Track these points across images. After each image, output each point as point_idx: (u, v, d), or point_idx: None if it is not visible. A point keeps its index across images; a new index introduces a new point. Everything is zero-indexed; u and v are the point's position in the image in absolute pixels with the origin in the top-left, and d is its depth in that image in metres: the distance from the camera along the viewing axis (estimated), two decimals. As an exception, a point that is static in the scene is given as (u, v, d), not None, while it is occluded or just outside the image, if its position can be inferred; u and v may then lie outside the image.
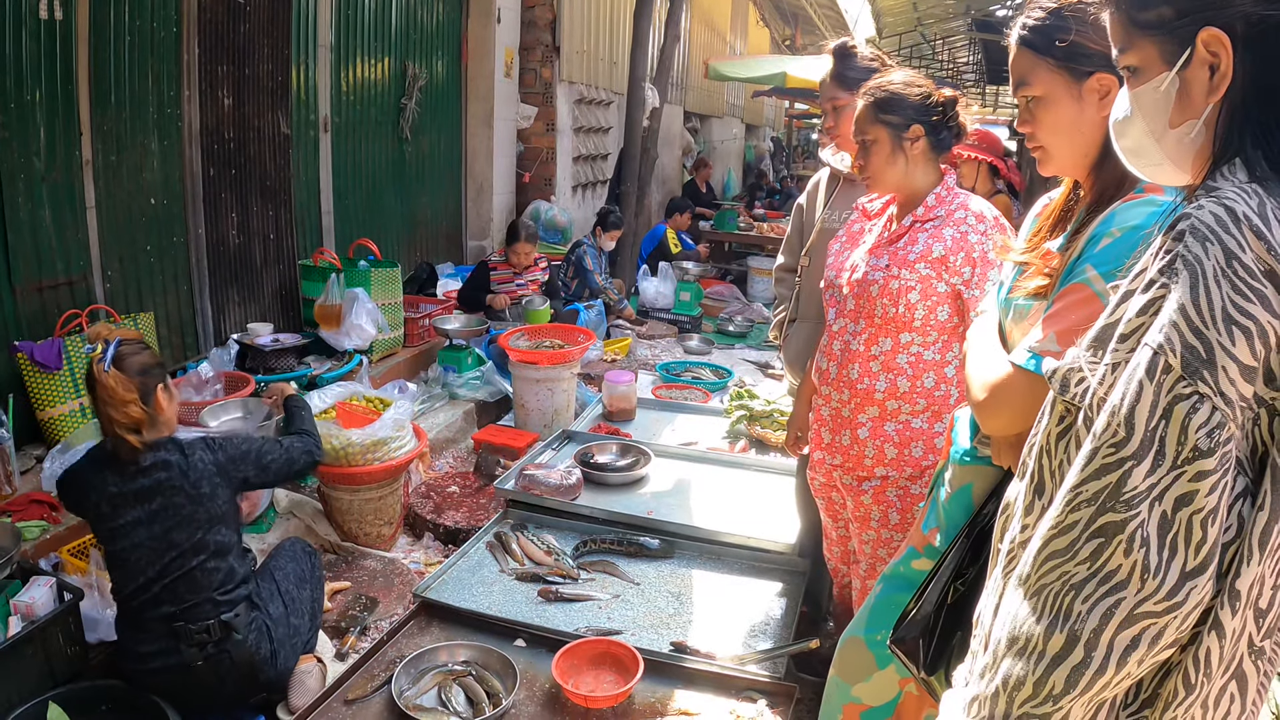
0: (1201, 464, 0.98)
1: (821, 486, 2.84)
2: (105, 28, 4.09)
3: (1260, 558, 1.01)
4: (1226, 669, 1.06)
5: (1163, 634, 1.02)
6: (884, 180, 2.53)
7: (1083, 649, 1.04)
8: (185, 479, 2.60)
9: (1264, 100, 1.06)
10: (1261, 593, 1.04)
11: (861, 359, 2.54)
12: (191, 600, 2.58)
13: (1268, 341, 0.97)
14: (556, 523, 3.72)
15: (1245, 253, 0.98)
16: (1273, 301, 0.97)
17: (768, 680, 2.78)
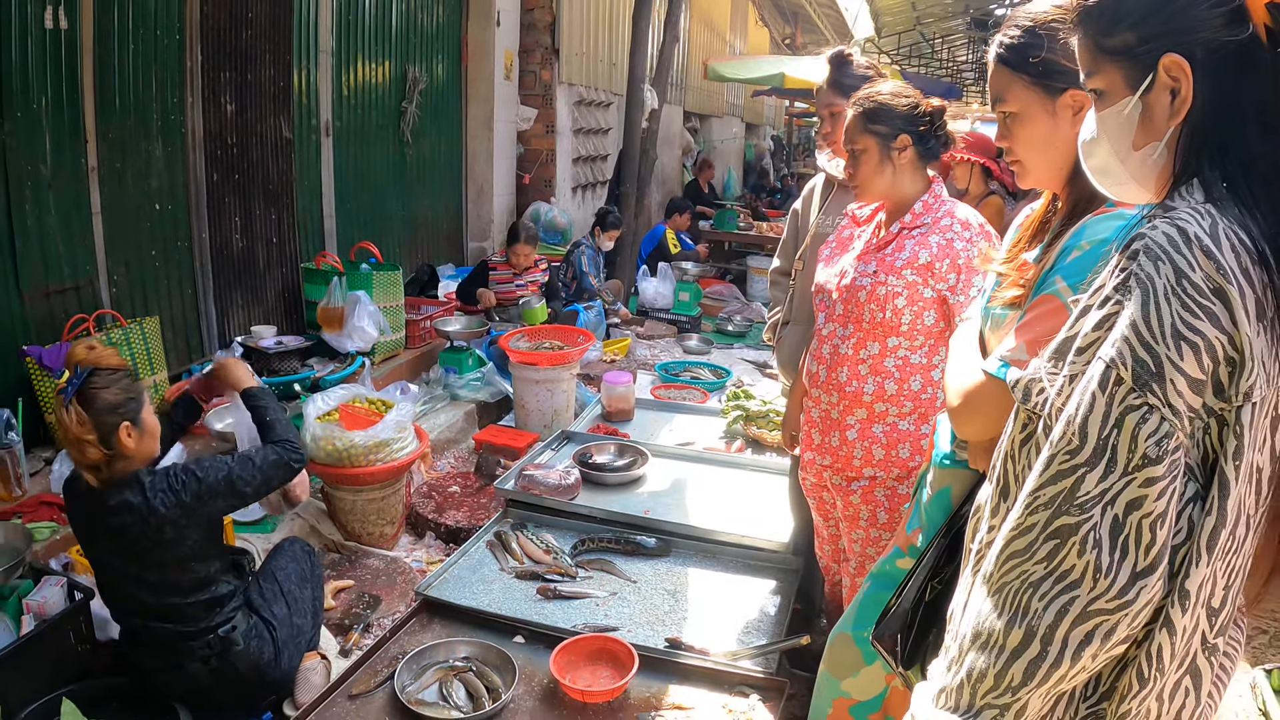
0: (1150, 471, 1.04)
1: (813, 486, 2.91)
2: (109, 36, 4.16)
3: (1208, 560, 1.06)
4: (1180, 664, 1.12)
5: (1115, 630, 1.08)
6: (872, 188, 2.59)
7: (1039, 643, 1.10)
8: (146, 525, 2.49)
9: (1221, 124, 1.11)
10: (1213, 592, 1.09)
11: (850, 362, 2.61)
12: (186, 621, 2.60)
13: (1215, 356, 1.02)
14: (555, 522, 3.79)
15: (1195, 272, 1.03)
16: (1220, 318, 1.02)
17: (760, 675, 2.85)
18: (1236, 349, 1.03)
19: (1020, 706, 1.13)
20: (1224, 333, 1.02)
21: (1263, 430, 1.07)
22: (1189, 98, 1.13)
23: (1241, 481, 1.06)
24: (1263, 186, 1.10)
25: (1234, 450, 1.05)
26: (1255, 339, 1.03)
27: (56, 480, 3.52)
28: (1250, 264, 1.04)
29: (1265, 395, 1.05)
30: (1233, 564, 1.10)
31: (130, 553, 2.53)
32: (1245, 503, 1.09)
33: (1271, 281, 1.05)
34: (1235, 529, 1.08)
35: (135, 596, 2.58)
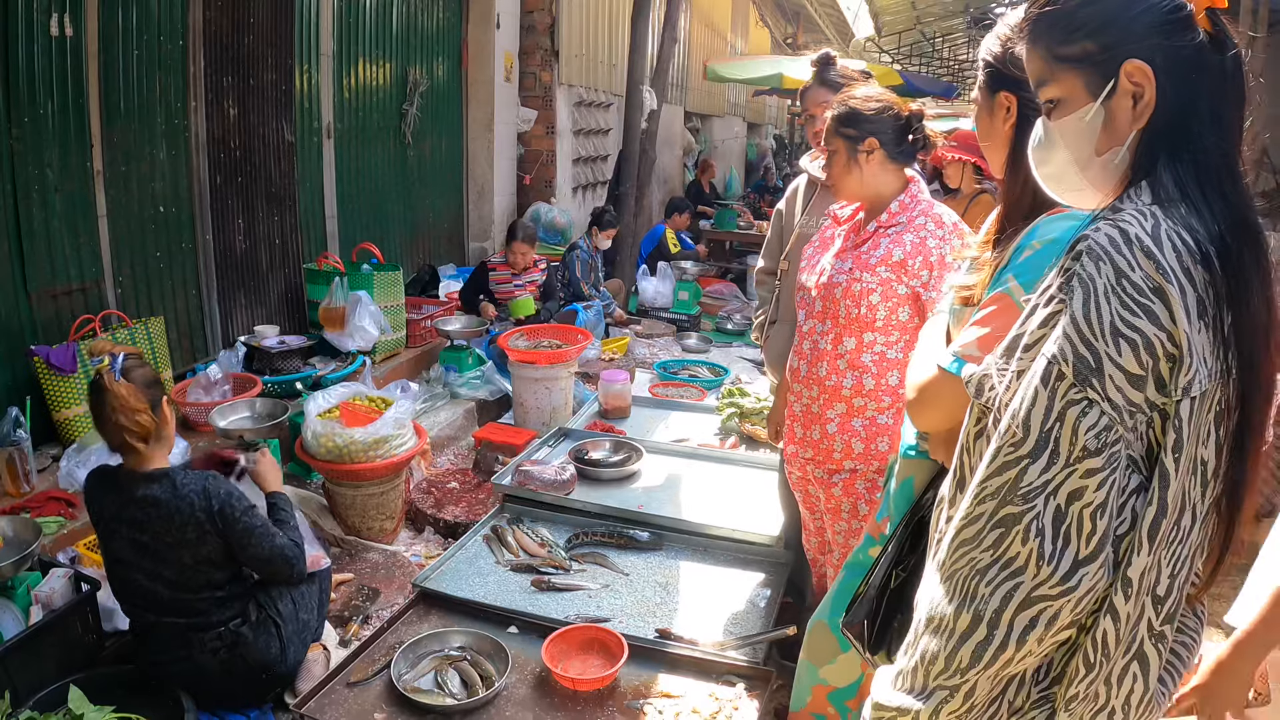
0: (1090, 462, 1.09)
1: (798, 480, 2.98)
2: (114, 43, 4.25)
3: (1150, 549, 1.10)
4: (1126, 650, 1.15)
5: (1058, 616, 1.12)
6: (844, 187, 2.69)
7: (986, 627, 1.15)
8: (170, 521, 2.60)
9: (1176, 127, 1.16)
10: (1158, 581, 1.13)
11: (829, 357, 2.69)
12: (196, 616, 2.70)
13: (1154, 352, 1.07)
14: (551, 516, 3.87)
15: (1135, 271, 1.07)
16: (1160, 316, 1.06)
17: (746, 665, 2.92)
18: (1176, 345, 1.06)
19: (969, 688, 1.18)
20: (1163, 330, 1.06)
21: (1206, 424, 1.11)
22: (1153, 102, 1.17)
23: (1183, 474, 1.09)
24: (1213, 187, 1.14)
25: (1174, 443, 1.08)
26: (1196, 336, 1.06)
27: (64, 477, 3.62)
28: (1192, 264, 1.08)
29: (1207, 390, 1.08)
30: (1178, 553, 1.14)
31: (150, 548, 2.63)
32: (1190, 494, 1.12)
33: (1213, 280, 1.09)
34: (1179, 519, 1.12)
35: (151, 591, 2.67)
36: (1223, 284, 1.10)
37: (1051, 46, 1.25)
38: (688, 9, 13.06)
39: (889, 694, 1.26)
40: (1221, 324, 1.10)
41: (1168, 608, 1.15)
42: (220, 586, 2.73)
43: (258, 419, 4.03)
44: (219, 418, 3.92)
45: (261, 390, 4.37)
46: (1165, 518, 1.10)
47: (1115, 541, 1.12)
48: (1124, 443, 1.10)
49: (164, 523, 2.60)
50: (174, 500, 2.61)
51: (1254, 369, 1.13)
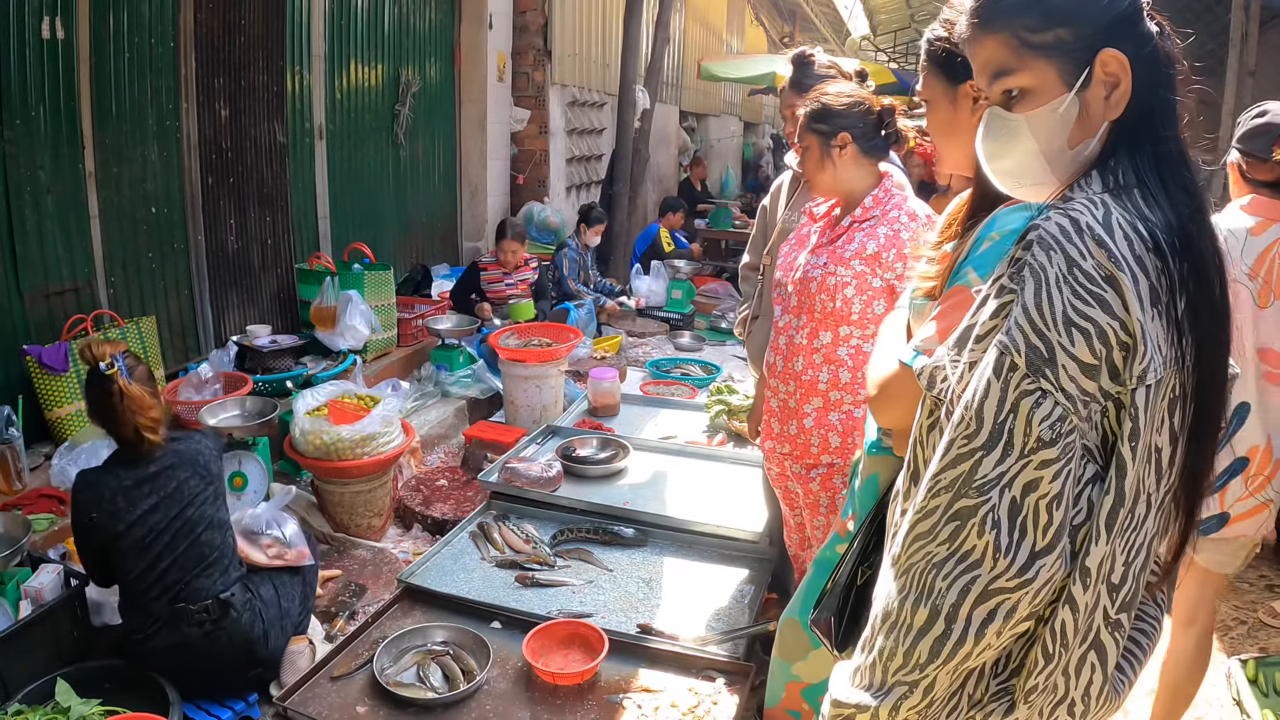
0: (1045, 453, 1.08)
1: (777, 476, 3.02)
2: (105, 45, 4.29)
3: (1108, 538, 1.10)
4: (1084, 640, 1.15)
5: (1016, 608, 1.11)
6: (818, 182, 2.73)
7: (943, 622, 1.13)
8: (194, 466, 2.84)
9: (1140, 117, 1.17)
10: (1114, 569, 1.13)
11: (805, 352, 2.73)
12: (193, 574, 2.77)
13: (1107, 341, 1.06)
14: (537, 513, 3.91)
15: (1086, 260, 1.06)
16: (1112, 305, 1.05)
17: (726, 660, 2.96)
18: (1129, 334, 1.06)
19: (928, 683, 1.17)
20: (1115, 319, 1.06)
21: (1160, 412, 1.10)
22: (1128, 92, 1.16)
23: (1139, 462, 1.09)
24: (1172, 176, 1.15)
25: (1129, 432, 1.08)
26: (1150, 324, 1.06)
27: (56, 474, 3.66)
28: (1145, 251, 1.08)
29: (1162, 378, 1.08)
30: (1133, 541, 1.14)
31: (178, 492, 2.80)
32: (1145, 482, 1.12)
33: (1166, 268, 1.08)
34: (1135, 508, 1.11)
35: (163, 542, 2.75)
36: (1176, 272, 1.09)
37: (1021, 33, 1.20)
38: (682, 8, 13.09)
39: (847, 691, 1.25)
40: (1175, 312, 1.09)
41: (1123, 596, 1.15)
42: (221, 528, 2.91)
43: (247, 417, 4.08)
44: (208, 416, 3.96)
45: (252, 389, 4.41)
46: (1122, 507, 1.09)
47: (1072, 532, 1.11)
48: (1079, 433, 1.09)
49: (188, 469, 2.83)
50: (194, 445, 2.90)
51: (1210, 357, 1.13)
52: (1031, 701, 1.18)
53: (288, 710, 2.68)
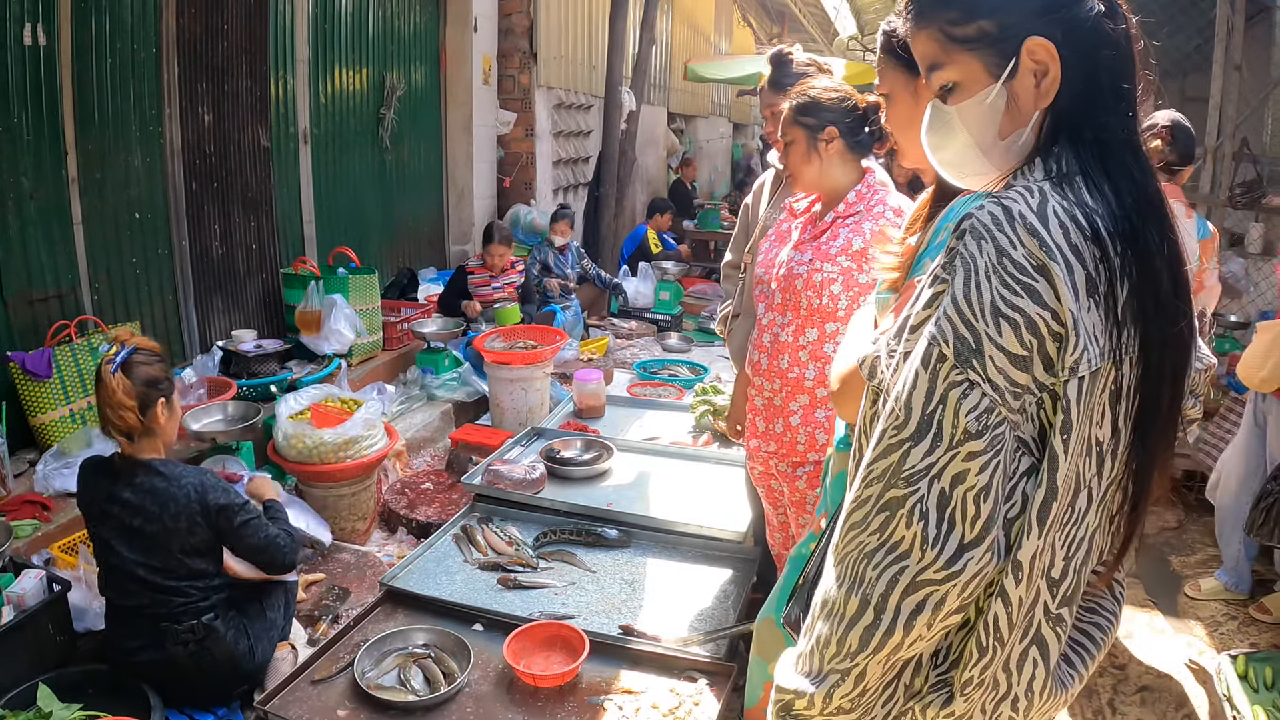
0: (972, 445, 1.07)
1: (761, 475, 3.03)
2: (87, 51, 4.30)
3: (1040, 532, 1.08)
4: (1024, 635, 1.15)
5: (944, 600, 1.10)
6: (802, 177, 2.73)
7: (873, 611, 1.13)
8: (165, 510, 2.70)
9: (1080, 103, 1.15)
10: (1053, 564, 1.13)
11: (790, 349, 2.74)
12: (173, 606, 2.77)
13: (1037, 331, 1.05)
14: (521, 515, 3.92)
15: (1016, 249, 1.05)
16: (1043, 295, 1.04)
17: (708, 661, 2.97)
18: (1061, 324, 1.04)
19: (859, 671, 1.16)
20: (1046, 309, 1.04)
21: (1100, 404, 1.09)
22: (1057, 79, 1.15)
23: (1073, 455, 1.07)
24: (1117, 163, 1.13)
25: (1061, 424, 1.06)
26: (1085, 314, 1.05)
27: (40, 481, 3.67)
28: (1082, 240, 1.06)
29: (1099, 369, 1.07)
30: (1072, 535, 1.14)
31: (141, 533, 2.71)
32: (1084, 475, 1.11)
33: (1105, 257, 1.07)
34: (1074, 501, 1.11)
35: (134, 577, 2.73)
36: (1118, 261, 1.07)
37: (945, 27, 1.21)
38: (668, 10, 13.11)
39: (789, 676, 1.24)
40: (1114, 302, 1.08)
41: (1064, 590, 1.15)
42: (200, 578, 2.81)
43: (230, 421, 4.08)
44: (192, 421, 3.96)
45: (236, 393, 4.42)
46: (1055, 500, 1.08)
47: (1006, 525, 1.11)
48: (1009, 424, 1.08)
49: (158, 510, 2.71)
50: (170, 489, 2.72)
51: (1158, 349, 1.11)
52: (969, 695, 1.18)
53: (268, 714, 2.69)
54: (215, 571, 2.88)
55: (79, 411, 4.00)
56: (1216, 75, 6.60)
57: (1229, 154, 6.55)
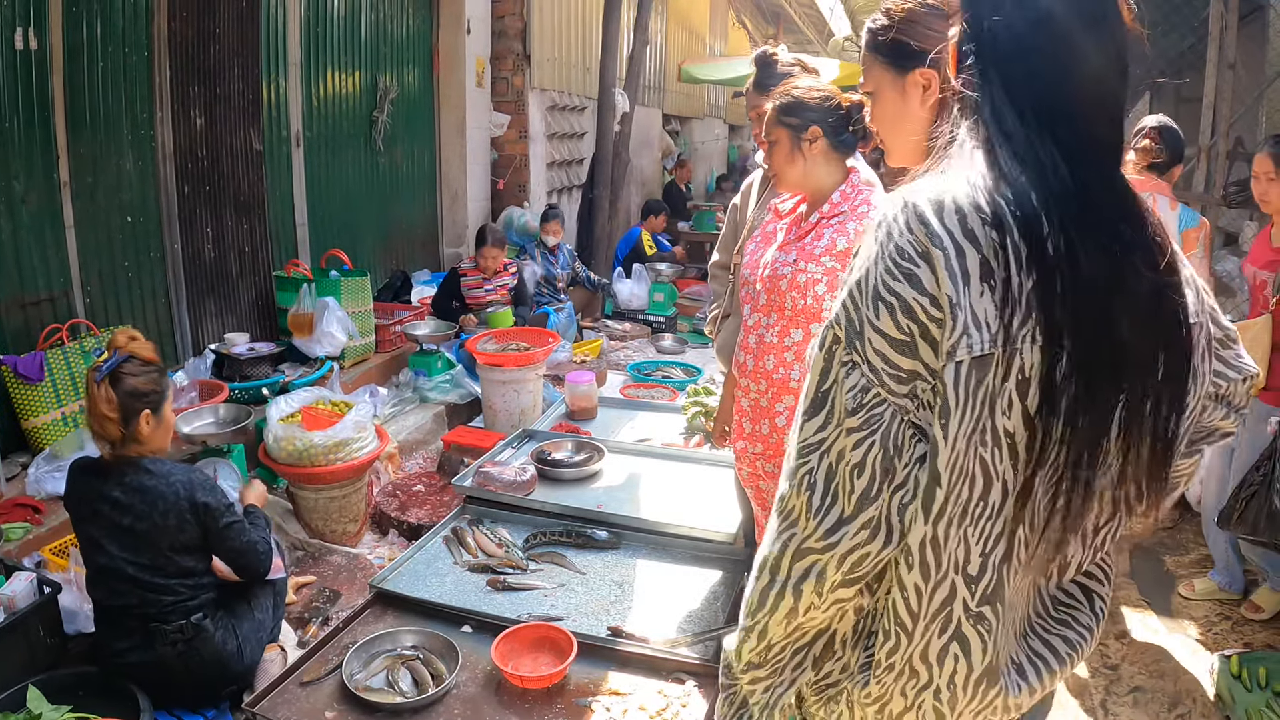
0: (850, 421, 1.12)
1: (749, 476, 3.03)
2: (79, 55, 4.30)
3: (927, 519, 1.10)
4: (943, 629, 1.16)
5: (825, 571, 1.15)
6: (786, 177, 2.73)
7: (769, 573, 1.20)
8: (154, 507, 2.73)
9: (992, 89, 1.16)
10: (968, 560, 1.13)
11: (776, 350, 2.74)
12: (163, 606, 2.78)
13: (915, 316, 1.07)
14: (511, 517, 3.92)
15: (903, 237, 1.09)
16: (923, 280, 1.06)
17: (696, 662, 2.97)
18: (940, 309, 1.06)
19: (761, 629, 1.23)
20: (925, 294, 1.06)
21: (1002, 392, 1.07)
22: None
23: (956, 441, 1.07)
24: (1027, 150, 1.11)
25: (940, 409, 1.07)
26: (974, 300, 1.05)
27: (32, 484, 3.68)
28: (980, 225, 1.06)
29: (985, 355, 1.05)
30: (987, 530, 1.12)
31: (131, 531, 2.73)
32: (994, 467, 1.10)
33: (1008, 243, 1.06)
34: (985, 495, 1.10)
35: (123, 575, 2.75)
36: (1022, 247, 1.06)
37: None
38: (663, 11, 13.12)
39: (728, 639, 1.33)
40: (1011, 288, 1.05)
41: (983, 588, 1.14)
42: (189, 576, 2.83)
43: (222, 424, 4.10)
44: (183, 424, 3.97)
45: (228, 396, 4.43)
46: (940, 487, 1.09)
47: (901, 510, 1.13)
48: (889, 406, 1.11)
49: (147, 507, 2.72)
50: (159, 486, 2.74)
51: (1089, 335, 1.07)
52: (881, 679, 1.22)
53: (257, 715, 2.69)
54: (204, 570, 2.91)
55: (71, 415, 4.01)
56: (1210, 74, 6.61)
57: (1223, 153, 6.56)
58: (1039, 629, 1.30)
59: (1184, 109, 7.98)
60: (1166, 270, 1.13)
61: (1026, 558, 1.17)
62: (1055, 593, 1.32)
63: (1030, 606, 1.29)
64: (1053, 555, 1.20)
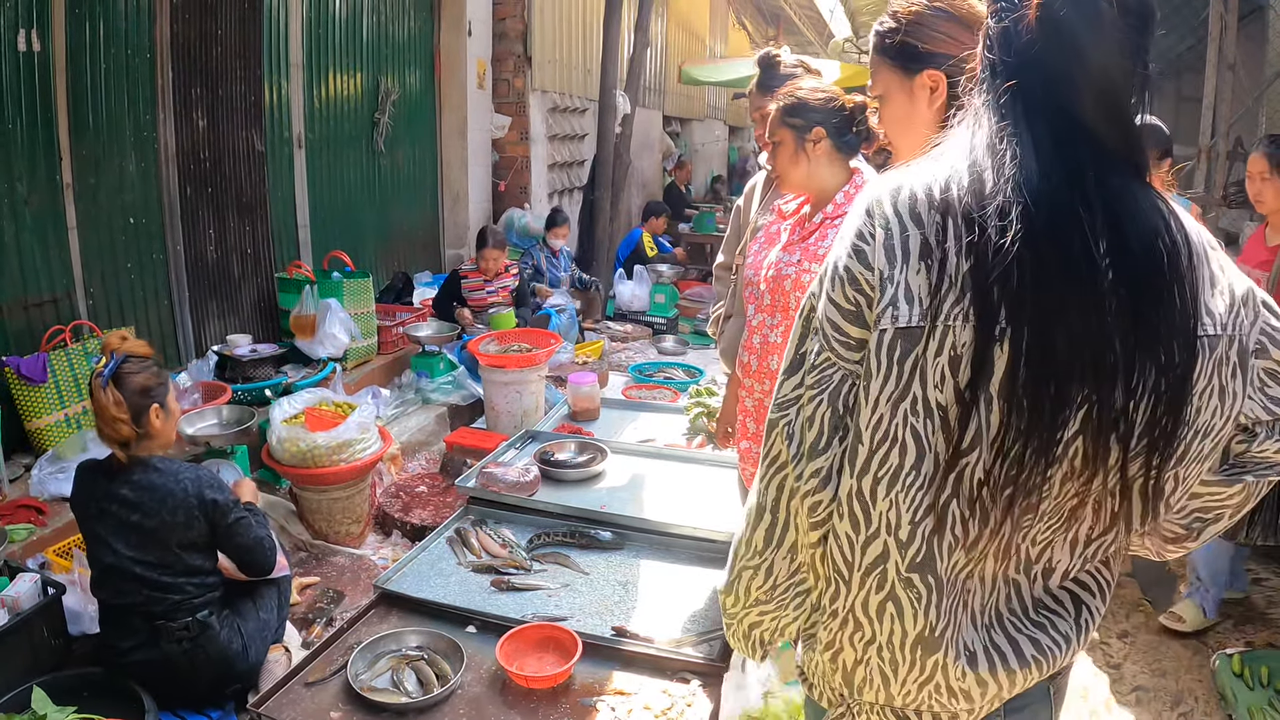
0: (808, 379, 1.24)
1: (753, 476, 3.04)
2: (81, 57, 4.32)
3: (852, 473, 1.19)
4: (879, 586, 1.21)
5: (804, 505, 1.26)
6: (790, 178, 2.73)
7: (769, 514, 1.31)
8: (163, 504, 2.74)
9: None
10: (899, 524, 1.17)
11: (779, 350, 2.73)
12: (168, 604, 2.79)
13: (860, 288, 1.17)
14: (515, 518, 3.92)
15: (859, 218, 1.20)
16: (869, 256, 1.16)
17: (701, 662, 2.97)
18: (870, 284, 1.16)
19: (768, 565, 1.33)
20: (870, 269, 1.16)
21: (933, 366, 1.12)
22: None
23: (879, 403, 1.15)
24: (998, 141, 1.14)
25: (863, 372, 1.18)
26: (913, 276, 1.12)
27: (36, 485, 3.68)
28: (927, 209, 1.14)
29: (909, 327, 1.12)
30: (917, 500, 1.16)
31: (139, 529, 2.74)
32: (925, 437, 1.14)
33: (947, 224, 1.11)
34: (918, 464, 1.14)
35: (130, 573, 2.75)
36: (964, 231, 1.10)
37: None
38: (663, 13, 13.14)
39: (722, 583, 1.42)
40: (946, 267, 1.11)
41: (911, 556, 1.18)
42: (196, 574, 2.84)
43: (225, 425, 4.10)
44: (186, 425, 3.97)
45: (231, 398, 4.43)
46: (862, 444, 1.18)
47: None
48: (839, 370, 1.20)
49: (156, 505, 2.74)
50: (168, 484, 2.76)
51: (1037, 320, 1.08)
52: (829, 625, 1.30)
53: (262, 716, 2.69)
54: (211, 569, 2.91)
55: (74, 416, 4.02)
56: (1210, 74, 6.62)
57: (1223, 153, 6.57)
58: (1009, 624, 1.28)
59: (1184, 109, 7.99)
60: (1166, 281, 1.11)
61: (965, 538, 1.19)
62: (1040, 594, 1.30)
63: (998, 598, 1.27)
64: (1001, 546, 1.20)
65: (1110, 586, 1.34)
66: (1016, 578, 1.28)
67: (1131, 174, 1.15)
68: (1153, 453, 1.14)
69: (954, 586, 1.22)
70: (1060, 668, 1.31)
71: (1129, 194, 1.13)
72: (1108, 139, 1.14)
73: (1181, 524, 1.32)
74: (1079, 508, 1.19)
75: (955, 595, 1.22)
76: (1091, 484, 1.15)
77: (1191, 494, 1.28)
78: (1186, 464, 1.20)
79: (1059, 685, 1.38)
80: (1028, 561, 1.26)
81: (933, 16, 1.70)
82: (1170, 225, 1.14)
